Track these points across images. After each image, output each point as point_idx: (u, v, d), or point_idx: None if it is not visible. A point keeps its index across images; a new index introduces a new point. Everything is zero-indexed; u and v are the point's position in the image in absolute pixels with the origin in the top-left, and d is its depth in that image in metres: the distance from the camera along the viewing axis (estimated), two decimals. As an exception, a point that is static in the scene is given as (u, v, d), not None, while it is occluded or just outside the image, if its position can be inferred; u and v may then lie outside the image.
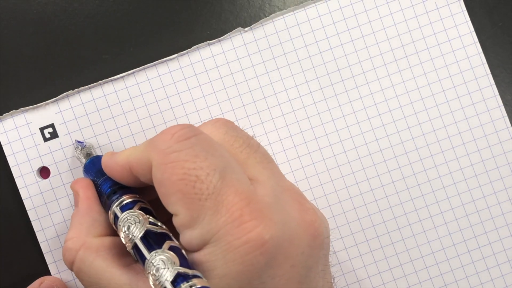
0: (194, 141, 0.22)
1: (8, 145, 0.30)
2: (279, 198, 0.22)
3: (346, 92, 0.31)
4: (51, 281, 0.30)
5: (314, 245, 0.22)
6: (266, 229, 0.20)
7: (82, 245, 0.24)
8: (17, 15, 0.31)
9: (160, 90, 0.31)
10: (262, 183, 0.22)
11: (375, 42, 0.31)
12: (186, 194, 0.21)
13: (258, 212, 0.21)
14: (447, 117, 0.31)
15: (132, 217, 0.23)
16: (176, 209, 0.21)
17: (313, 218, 0.22)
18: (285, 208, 0.22)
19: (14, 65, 0.31)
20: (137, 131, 0.31)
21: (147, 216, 0.23)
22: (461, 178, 0.31)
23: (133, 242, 0.22)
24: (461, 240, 0.31)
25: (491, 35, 0.32)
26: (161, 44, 0.31)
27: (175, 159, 0.21)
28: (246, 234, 0.20)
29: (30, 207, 0.30)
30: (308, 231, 0.22)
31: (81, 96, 0.31)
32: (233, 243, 0.20)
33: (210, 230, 0.20)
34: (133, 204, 0.24)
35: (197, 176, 0.21)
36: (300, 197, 0.23)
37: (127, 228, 0.23)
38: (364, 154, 0.31)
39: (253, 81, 0.31)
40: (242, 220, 0.20)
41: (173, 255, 0.21)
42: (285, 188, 0.23)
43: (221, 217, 0.20)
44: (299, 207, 0.23)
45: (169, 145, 0.21)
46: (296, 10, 0.31)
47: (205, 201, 0.21)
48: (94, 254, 0.24)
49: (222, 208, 0.20)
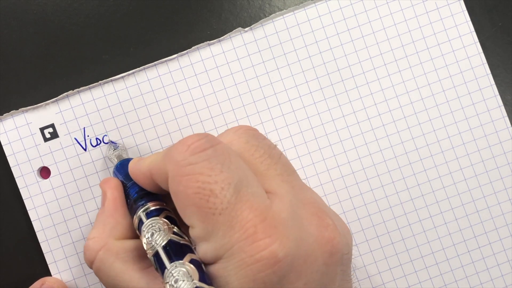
0: (210, 153, 0.21)
1: (8, 145, 0.30)
2: (296, 214, 0.22)
3: (346, 92, 0.31)
4: (52, 282, 0.30)
5: (331, 262, 0.21)
6: (280, 247, 0.20)
7: (103, 246, 0.24)
8: (17, 15, 0.31)
9: (160, 90, 0.31)
10: (280, 197, 0.22)
11: (375, 42, 0.31)
12: (200, 208, 0.20)
13: (272, 229, 0.20)
14: (447, 117, 0.31)
15: (157, 224, 0.23)
16: (192, 221, 0.21)
17: (332, 235, 0.22)
18: (302, 224, 0.21)
19: (14, 65, 0.31)
20: (137, 131, 0.31)
21: (172, 226, 0.23)
22: (461, 178, 0.31)
23: (154, 250, 0.22)
24: (461, 240, 0.31)
25: (491, 35, 0.32)
26: (161, 44, 0.31)
27: (190, 172, 0.21)
28: (259, 252, 0.20)
29: (30, 207, 0.30)
30: (325, 248, 0.21)
31: (81, 96, 0.31)
32: (245, 260, 0.20)
33: (224, 246, 0.20)
34: (159, 211, 0.24)
35: (211, 190, 0.20)
36: (320, 212, 0.22)
37: (150, 234, 0.23)
38: (364, 154, 0.31)
39: (253, 81, 0.31)
40: (256, 237, 0.20)
41: (194, 268, 0.21)
42: (305, 202, 0.22)
43: (235, 233, 0.20)
44: (318, 222, 0.22)
45: (185, 157, 0.21)
46: (296, 10, 0.31)
47: (219, 215, 0.20)
48: (114, 256, 0.24)
49: (236, 224, 0.20)
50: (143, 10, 0.31)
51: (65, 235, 0.30)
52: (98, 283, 0.31)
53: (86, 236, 0.31)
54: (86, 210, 0.31)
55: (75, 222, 0.31)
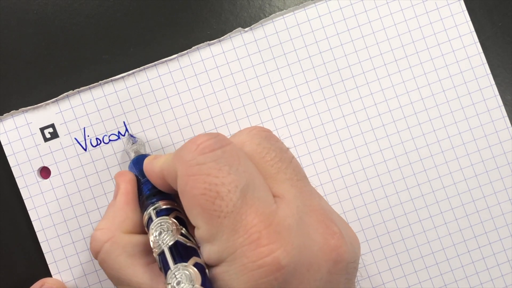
0: (219, 154, 0.21)
1: (8, 145, 0.30)
2: (302, 220, 0.21)
3: (346, 92, 0.31)
4: (51, 283, 0.30)
5: (335, 270, 0.21)
6: (283, 254, 0.20)
7: (111, 238, 0.24)
8: (17, 15, 0.31)
9: (160, 90, 0.31)
10: (287, 202, 0.22)
11: (375, 42, 0.31)
12: (205, 209, 0.20)
13: (276, 235, 0.20)
14: (447, 117, 0.31)
15: (166, 224, 0.23)
16: (197, 222, 0.21)
17: (338, 243, 0.21)
18: (308, 231, 0.21)
19: (14, 65, 0.31)
20: (137, 131, 0.31)
21: (180, 227, 0.23)
22: (461, 178, 0.31)
23: (161, 249, 0.22)
24: (461, 240, 0.31)
25: (491, 35, 0.32)
26: (161, 44, 0.31)
27: (198, 172, 0.21)
28: (262, 258, 0.20)
29: (30, 207, 0.30)
30: (329, 256, 0.21)
31: (81, 96, 0.31)
32: (247, 265, 0.20)
33: (227, 249, 0.20)
34: (169, 211, 0.24)
35: (218, 192, 0.20)
36: (327, 219, 0.22)
37: (158, 233, 0.23)
38: (364, 154, 0.31)
39: (253, 81, 0.31)
40: (260, 243, 0.20)
41: (197, 272, 0.20)
42: (312, 209, 0.22)
43: (238, 237, 0.20)
44: (325, 230, 0.22)
45: (193, 157, 0.21)
46: (296, 10, 0.31)
47: (223, 218, 0.20)
48: (120, 249, 0.24)
49: (241, 228, 0.20)
50: (143, 10, 0.31)
51: (65, 235, 0.31)
52: (98, 283, 0.31)
53: (86, 236, 0.31)
54: (86, 210, 0.31)
55: (75, 222, 0.31)
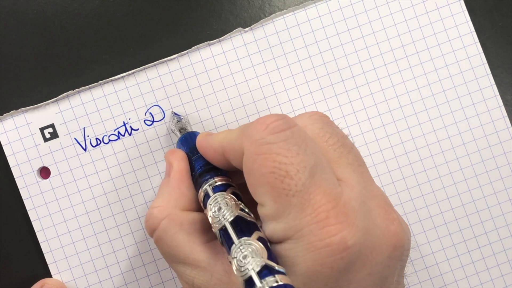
0: (288, 134, 0.21)
1: (8, 145, 0.30)
2: (365, 204, 0.22)
3: (346, 92, 0.31)
4: (51, 284, 0.30)
5: (394, 256, 0.22)
6: (350, 234, 0.20)
7: (168, 216, 0.24)
8: (17, 15, 0.31)
9: (160, 90, 0.31)
10: (350, 186, 0.22)
11: (375, 42, 0.31)
12: (274, 187, 0.21)
13: (344, 216, 0.20)
14: (447, 117, 0.31)
15: (224, 199, 0.23)
16: (263, 200, 0.21)
17: (397, 229, 0.22)
18: (370, 215, 0.22)
19: (14, 65, 0.31)
20: (137, 131, 0.31)
21: (239, 202, 0.23)
22: (461, 178, 0.31)
23: (222, 224, 0.22)
24: (461, 240, 0.31)
25: (491, 35, 0.32)
26: (161, 44, 0.31)
27: (267, 151, 0.21)
28: (329, 237, 0.20)
29: (30, 207, 0.30)
30: (390, 241, 0.21)
31: (81, 96, 0.31)
32: (315, 243, 0.20)
33: (294, 227, 0.20)
34: (225, 187, 0.24)
35: (287, 171, 0.20)
36: (387, 206, 0.23)
37: (217, 209, 0.23)
38: (364, 154, 0.31)
39: (253, 81, 0.31)
40: (328, 222, 0.20)
41: (262, 246, 0.21)
42: (373, 194, 0.23)
43: (306, 216, 0.20)
44: (385, 215, 0.22)
45: (262, 136, 0.21)
46: (296, 10, 0.31)
47: (292, 197, 0.20)
48: (178, 226, 0.24)
49: (308, 207, 0.20)
50: (143, 10, 0.31)
51: (65, 235, 0.30)
52: (98, 283, 0.31)
53: (86, 236, 0.31)
54: (86, 210, 0.31)
55: (75, 222, 0.31)
